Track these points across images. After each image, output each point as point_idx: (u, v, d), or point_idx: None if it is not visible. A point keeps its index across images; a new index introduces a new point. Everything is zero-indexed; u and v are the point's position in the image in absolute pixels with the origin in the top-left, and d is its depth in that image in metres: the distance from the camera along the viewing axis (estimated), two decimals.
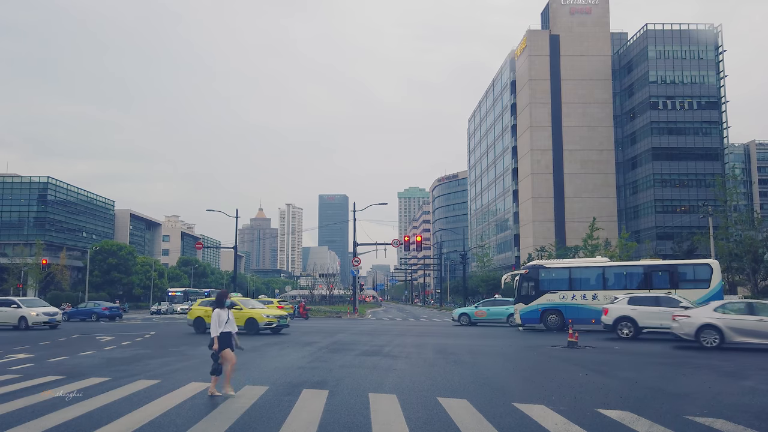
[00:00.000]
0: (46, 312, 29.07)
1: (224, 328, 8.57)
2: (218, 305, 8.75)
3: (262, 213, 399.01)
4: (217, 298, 8.93)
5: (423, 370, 11.78)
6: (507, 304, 30.80)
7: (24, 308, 28.87)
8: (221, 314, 8.61)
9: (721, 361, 13.48)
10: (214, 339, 8.48)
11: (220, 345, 8.47)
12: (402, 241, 43.20)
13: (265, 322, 22.81)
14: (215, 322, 8.54)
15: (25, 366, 12.61)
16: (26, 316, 28.49)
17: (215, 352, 8.51)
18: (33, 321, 28.49)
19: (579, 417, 7.14)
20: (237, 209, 50.87)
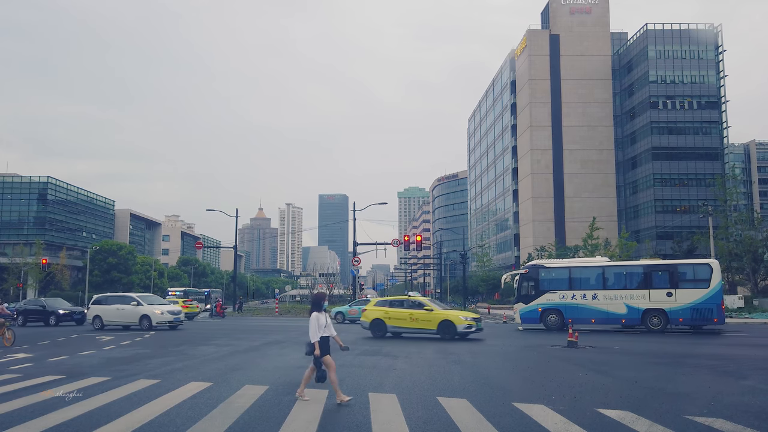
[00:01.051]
0: (171, 311, 26.22)
1: (323, 332, 8.17)
2: (316, 308, 8.38)
3: (262, 213, 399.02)
4: (314, 301, 8.52)
5: (423, 369, 11.78)
6: None
7: (145, 306, 25.97)
8: (319, 318, 8.22)
9: (721, 360, 13.48)
10: (315, 344, 8.01)
11: (321, 350, 8.04)
12: (402, 240, 43.17)
13: (464, 326, 19.57)
14: (314, 327, 8.10)
15: (25, 366, 12.61)
16: (149, 315, 25.51)
17: (317, 357, 8.03)
18: (157, 321, 25.44)
19: (579, 417, 7.14)
20: (237, 209, 50.90)
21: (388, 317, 20.40)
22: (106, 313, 26.52)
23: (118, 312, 26.17)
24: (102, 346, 17.80)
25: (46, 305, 32.06)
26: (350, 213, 45.98)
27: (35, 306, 32.61)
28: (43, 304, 32.32)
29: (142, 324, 25.57)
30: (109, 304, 26.99)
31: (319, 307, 8.36)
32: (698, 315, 22.70)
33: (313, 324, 8.16)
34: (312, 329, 8.12)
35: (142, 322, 25.59)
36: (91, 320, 27.01)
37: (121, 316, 26.16)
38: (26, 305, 33.22)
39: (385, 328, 20.46)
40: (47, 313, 31.42)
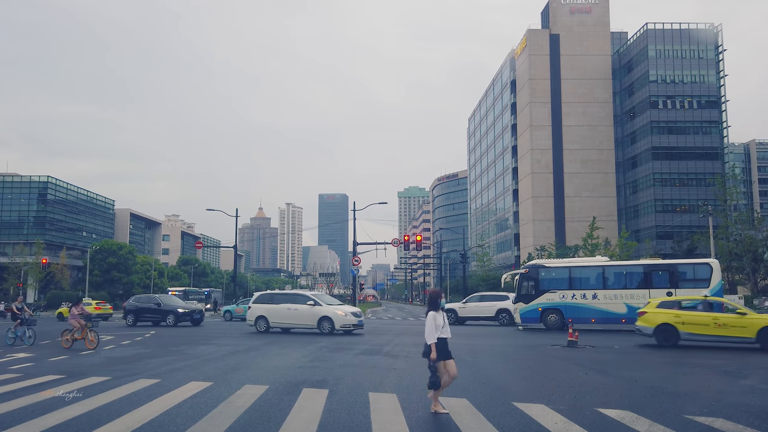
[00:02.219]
0: (353, 312, 22.60)
1: (441, 333, 7.41)
2: (432, 307, 7.62)
3: (262, 212, 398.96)
4: (431, 299, 7.77)
5: (423, 369, 11.72)
6: None
7: (324, 306, 22.43)
8: (436, 317, 7.45)
9: (721, 360, 13.48)
10: (431, 347, 7.29)
11: (438, 353, 7.30)
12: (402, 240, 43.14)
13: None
14: (431, 328, 7.37)
15: (25, 365, 12.61)
16: (332, 318, 21.83)
17: (433, 362, 7.30)
18: (341, 324, 21.69)
19: (579, 416, 7.14)
20: (237, 208, 50.86)
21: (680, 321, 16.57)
22: (273, 313, 22.90)
23: (289, 313, 22.57)
24: (102, 345, 17.79)
25: (162, 303, 29.22)
26: (350, 213, 45.95)
27: (149, 304, 29.77)
28: (158, 302, 29.45)
29: (321, 327, 21.92)
30: (276, 302, 23.30)
31: (436, 305, 7.63)
32: None
33: (429, 324, 7.42)
34: (429, 329, 7.40)
35: (322, 324, 21.92)
36: (253, 322, 23.31)
37: (293, 318, 22.57)
38: (138, 303, 30.30)
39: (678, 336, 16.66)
40: (163, 312, 28.72)
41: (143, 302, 30.26)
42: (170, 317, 28.32)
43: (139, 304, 29.94)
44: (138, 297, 32.60)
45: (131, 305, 30.10)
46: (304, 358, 13.84)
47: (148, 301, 30.16)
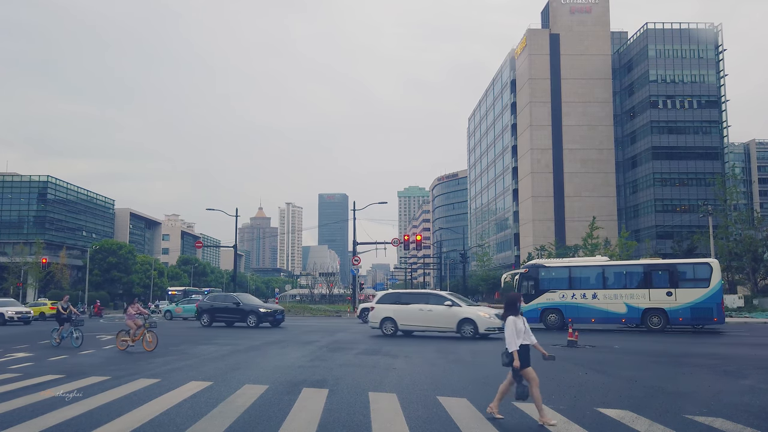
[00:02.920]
0: (496, 314, 19.67)
1: (523, 340, 6.98)
2: (511, 311, 7.16)
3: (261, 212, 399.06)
4: (509, 303, 7.28)
5: (423, 369, 11.78)
6: None
7: (465, 306, 20.09)
8: (516, 322, 7.01)
9: (721, 360, 13.49)
10: (513, 354, 6.85)
11: (521, 361, 6.85)
12: (402, 240, 43.18)
13: None
14: (511, 333, 6.96)
15: (25, 365, 12.61)
16: (474, 320, 19.39)
17: (516, 369, 6.84)
18: (486, 327, 19.31)
19: (579, 416, 7.14)
20: (237, 208, 50.92)
21: None
22: (403, 315, 20.73)
23: (422, 314, 20.32)
24: (102, 345, 17.81)
25: (241, 302, 27.21)
26: (350, 212, 46.00)
27: (226, 303, 27.79)
28: (237, 301, 27.42)
29: (462, 331, 19.53)
30: (405, 302, 21.26)
31: (515, 309, 7.18)
32: (698, 314, 22.71)
33: (510, 329, 6.98)
34: (509, 336, 6.96)
35: (463, 328, 19.56)
36: (378, 324, 21.00)
37: (427, 320, 20.23)
38: (214, 302, 28.31)
39: None
40: (243, 312, 26.76)
41: (220, 301, 28.27)
42: (251, 318, 26.43)
43: (215, 303, 28.00)
44: (214, 295, 30.71)
45: (206, 304, 28.24)
46: (303, 357, 13.84)
47: (226, 300, 28.10)
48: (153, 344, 15.52)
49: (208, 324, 27.33)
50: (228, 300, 28.02)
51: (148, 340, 15.52)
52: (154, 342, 15.58)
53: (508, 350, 6.94)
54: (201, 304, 28.84)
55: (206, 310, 27.93)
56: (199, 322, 28.35)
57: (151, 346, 15.46)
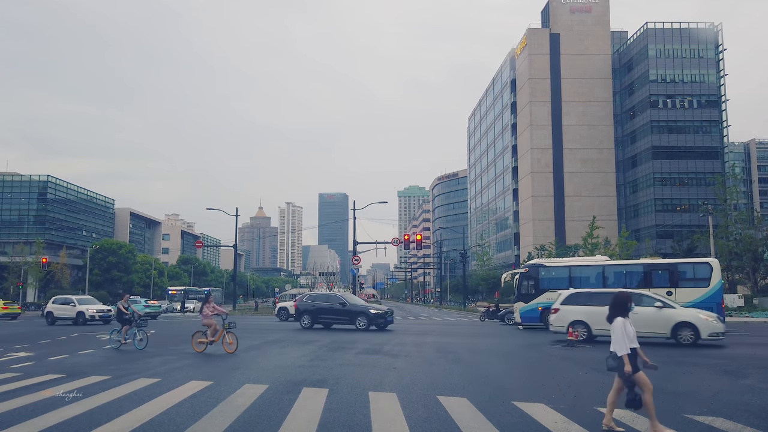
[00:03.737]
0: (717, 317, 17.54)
1: (632, 343, 6.33)
2: (620, 311, 6.48)
3: (262, 212, 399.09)
4: (618, 303, 6.57)
5: (423, 368, 11.78)
6: None
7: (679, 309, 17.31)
8: (626, 324, 6.33)
9: (720, 359, 13.48)
10: (623, 358, 6.20)
11: (632, 365, 6.18)
12: (402, 239, 43.16)
13: None
14: (621, 335, 6.28)
15: (26, 364, 12.61)
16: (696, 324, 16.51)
17: (628, 375, 6.16)
18: (710, 332, 16.38)
19: (579, 415, 7.14)
20: (237, 208, 50.96)
21: None
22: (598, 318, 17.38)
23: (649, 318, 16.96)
24: (102, 344, 17.79)
25: (348, 302, 24.83)
26: (350, 212, 45.96)
27: (331, 303, 25.24)
28: (342, 301, 24.97)
29: (679, 337, 16.67)
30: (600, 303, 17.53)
31: (625, 310, 6.52)
32: None
33: (618, 332, 6.30)
34: (618, 338, 6.29)
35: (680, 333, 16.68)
36: (565, 327, 18.02)
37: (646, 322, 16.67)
38: (315, 301, 25.88)
39: None
40: (351, 313, 24.13)
41: (322, 301, 25.88)
42: (361, 320, 23.86)
43: (317, 303, 25.55)
44: (314, 295, 28.30)
45: (306, 304, 25.68)
46: (304, 357, 13.84)
47: (329, 300, 25.77)
48: (234, 346, 14.50)
49: (309, 326, 24.84)
50: (332, 300, 25.67)
51: (229, 342, 14.53)
52: (234, 343, 14.57)
53: (616, 353, 6.28)
54: (300, 304, 26.00)
55: (307, 310, 25.24)
56: (299, 323, 25.73)
57: (232, 347, 14.45)
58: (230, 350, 14.39)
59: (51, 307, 32.34)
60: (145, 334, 16.16)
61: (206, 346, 14.86)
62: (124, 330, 16.42)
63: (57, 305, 32.21)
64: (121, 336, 16.35)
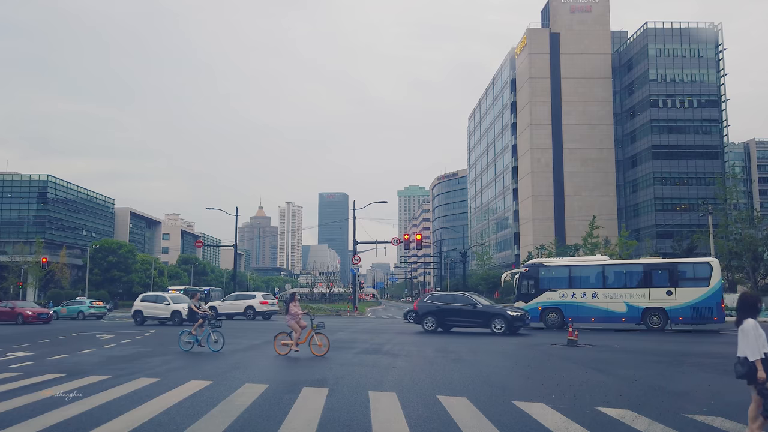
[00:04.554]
0: None
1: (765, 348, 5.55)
2: (750, 314, 5.71)
3: (261, 211, 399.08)
4: (747, 304, 5.78)
5: (423, 368, 11.78)
6: None
7: None
8: (757, 328, 5.60)
9: (720, 359, 13.50)
10: (756, 363, 5.44)
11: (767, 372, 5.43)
12: (402, 239, 43.20)
13: None
14: (752, 340, 5.53)
15: (26, 364, 12.62)
16: None
17: (762, 382, 5.41)
18: None
19: (579, 415, 7.14)
20: (237, 207, 50.95)
21: None
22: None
23: None
24: (102, 344, 17.80)
25: (479, 303, 22.51)
26: (350, 211, 46.01)
27: (459, 303, 22.65)
28: (473, 302, 22.41)
29: None
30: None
31: (756, 311, 5.77)
32: (698, 314, 22.72)
33: (750, 335, 5.59)
34: (750, 343, 5.57)
35: None
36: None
37: None
38: (440, 302, 23.35)
39: None
40: (484, 315, 21.91)
41: (448, 301, 23.32)
42: (497, 322, 21.42)
43: (442, 304, 23.10)
44: (437, 295, 25.48)
45: (429, 305, 23.21)
46: (303, 357, 13.84)
47: (457, 300, 23.03)
48: (324, 348, 13.28)
49: (433, 329, 22.49)
50: (460, 300, 22.93)
51: (318, 344, 13.32)
52: (325, 345, 13.34)
53: (747, 359, 5.53)
54: (423, 305, 23.53)
55: (432, 311, 22.78)
56: (421, 326, 23.05)
57: (322, 350, 13.26)
58: (320, 353, 13.24)
59: (140, 306, 30.23)
60: (221, 335, 15.06)
61: (290, 348, 13.73)
62: (195, 328, 15.38)
63: (147, 303, 30.18)
64: (194, 337, 15.25)
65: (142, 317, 29.95)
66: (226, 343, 15.49)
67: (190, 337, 15.25)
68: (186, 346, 15.14)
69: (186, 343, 15.22)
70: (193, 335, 15.26)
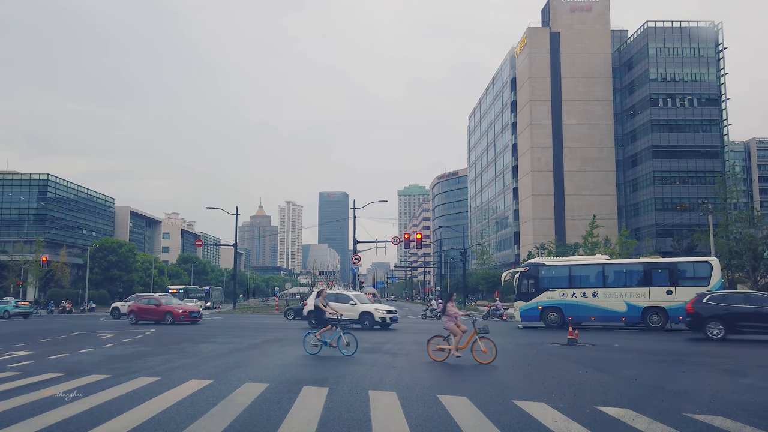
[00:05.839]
0: None
1: None
2: None
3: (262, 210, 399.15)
4: None
5: (423, 367, 11.77)
6: None
7: None
8: None
9: (720, 358, 13.49)
10: None
11: None
12: (402, 238, 43.14)
13: None
14: None
15: (26, 363, 12.61)
16: None
17: None
18: None
19: (579, 414, 7.14)
20: (237, 207, 50.97)
21: None
22: None
23: None
24: (102, 343, 17.79)
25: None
26: (350, 211, 45.95)
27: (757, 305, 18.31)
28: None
29: None
30: None
31: None
32: None
33: None
34: None
35: None
36: None
37: None
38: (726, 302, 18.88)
39: None
40: None
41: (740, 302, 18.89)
42: None
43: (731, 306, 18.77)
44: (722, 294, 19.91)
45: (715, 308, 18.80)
46: (304, 356, 13.83)
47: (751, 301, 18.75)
48: (490, 355, 11.84)
49: (721, 336, 18.42)
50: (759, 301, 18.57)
51: (482, 350, 11.90)
52: (491, 352, 11.90)
53: None
54: (704, 307, 19.01)
55: (719, 315, 18.64)
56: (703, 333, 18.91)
57: (488, 357, 11.81)
58: (485, 360, 11.80)
59: None
60: (353, 337, 13.79)
61: (448, 354, 12.39)
62: (323, 331, 13.93)
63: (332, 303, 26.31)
64: (324, 339, 13.84)
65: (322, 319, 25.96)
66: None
67: (318, 339, 13.87)
68: (312, 349, 13.86)
69: (312, 345, 13.91)
70: (318, 339, 13.88)
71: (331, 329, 13.81)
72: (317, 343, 13.85)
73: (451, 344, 12.27)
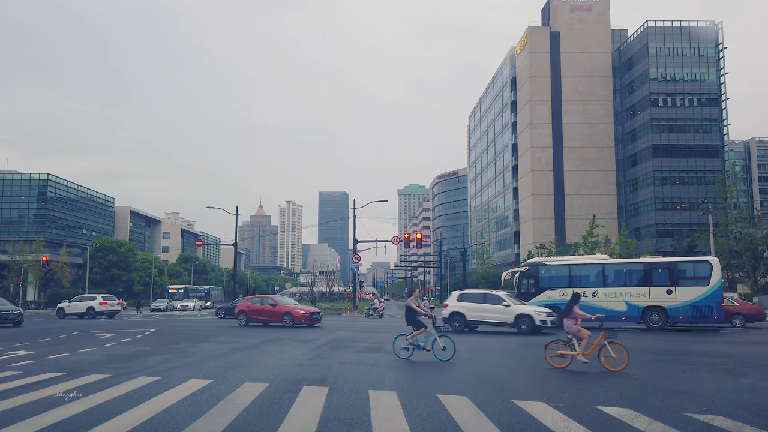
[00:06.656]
0: None
1: None
2: None
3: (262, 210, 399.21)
4: None
5: (423, 366, 11.77)
6: None
7: None
8: None
9: (720, 358, 13.49)
10: None
11: None
12: (402, 238, 43.17)
13: None
14: None
15: (26, 363, 12.61)
16: None
17: None
18: None
19: (579, 414, 7.14)
20: (237, 206, 50.95)
21: None
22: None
23: None
24: (102, 343, 17.80)
25: None
26: (350, 210, 45.97)
27: None
28: None
29: None
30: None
31: None
32: (698, 312, 22.71)
33: None
34: None
35: None
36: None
37: None
38: None
39: None
40: None
41: None
42: None
43: None
44: None
45: None
46: (304, 356, 13.84)
47: None
48: (621, 363, 10.83)
49: None
50: None
51: (612, 356, 10.86)
52: (622, 358, 10.87)
53: None
54: None
55: None
56: None
57: (619, 364, 10.81)
58: (615, 367, 10.83)
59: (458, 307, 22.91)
60: (450, 340, 12.78)
61: (571, 359, 11.35)
62: (416, 333, 12.96)
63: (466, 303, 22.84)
64: (416, 342, 12.86)
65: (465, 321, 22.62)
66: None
67: (409, 343, 12.88)
68: (403, 353, 12.90)
69: (403, 349, 12.92)
70: (410, 342, 12.88)
71: (425, 332, 12.85)
72: (409, 347, 12.84)
73: (575, 350, 11.36)
